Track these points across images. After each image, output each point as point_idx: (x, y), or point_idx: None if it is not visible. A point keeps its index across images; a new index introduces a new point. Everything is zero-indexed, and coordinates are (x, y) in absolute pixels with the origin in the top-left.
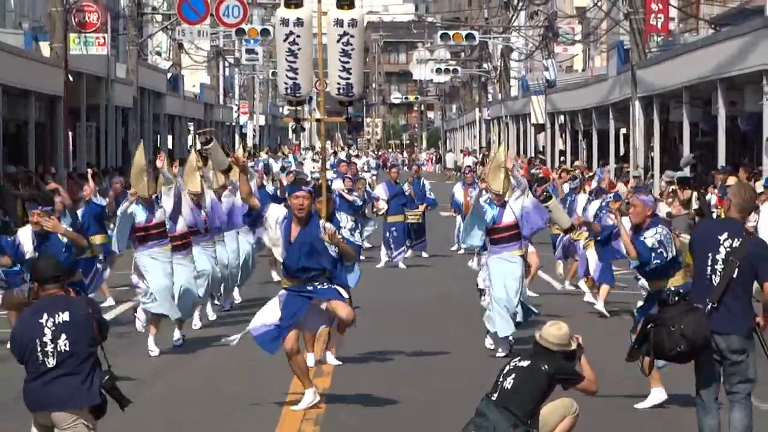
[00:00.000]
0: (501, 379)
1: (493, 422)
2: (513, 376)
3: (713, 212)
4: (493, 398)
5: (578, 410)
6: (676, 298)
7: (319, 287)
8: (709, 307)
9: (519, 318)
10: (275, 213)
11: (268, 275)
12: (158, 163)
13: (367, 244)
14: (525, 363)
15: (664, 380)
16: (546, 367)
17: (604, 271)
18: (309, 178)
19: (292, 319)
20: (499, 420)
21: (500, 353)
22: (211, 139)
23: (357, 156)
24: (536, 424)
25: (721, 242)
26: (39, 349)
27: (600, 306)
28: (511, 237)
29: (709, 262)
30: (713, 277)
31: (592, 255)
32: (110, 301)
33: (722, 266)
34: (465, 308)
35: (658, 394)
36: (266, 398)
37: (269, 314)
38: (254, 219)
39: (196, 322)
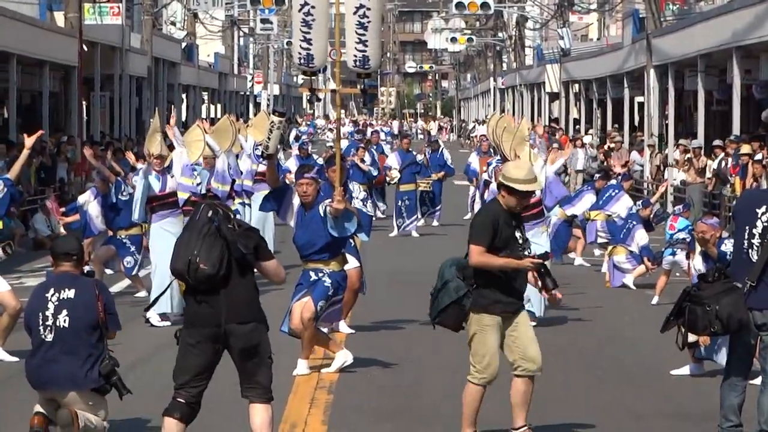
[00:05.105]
0: None
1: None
2: None
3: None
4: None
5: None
6: (716, 275)
7: (314, 280)
8: (748, 285)
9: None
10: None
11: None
12: (171, 121)
13: (380, 214)
14: None
15: None
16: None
17: (636, 256)
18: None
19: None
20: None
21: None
22: (284, 114)
23: (371, 126)
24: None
25: (759, 215)
26: (41, 322)
27: (629, 280)
28: (540, 213)
29: (746, 236)
30: (750, 251)
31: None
32: (143, 293)
33: (759, 241)
34: None
35: (689, 369)
36: (280, 367)
37: None
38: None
39: None
